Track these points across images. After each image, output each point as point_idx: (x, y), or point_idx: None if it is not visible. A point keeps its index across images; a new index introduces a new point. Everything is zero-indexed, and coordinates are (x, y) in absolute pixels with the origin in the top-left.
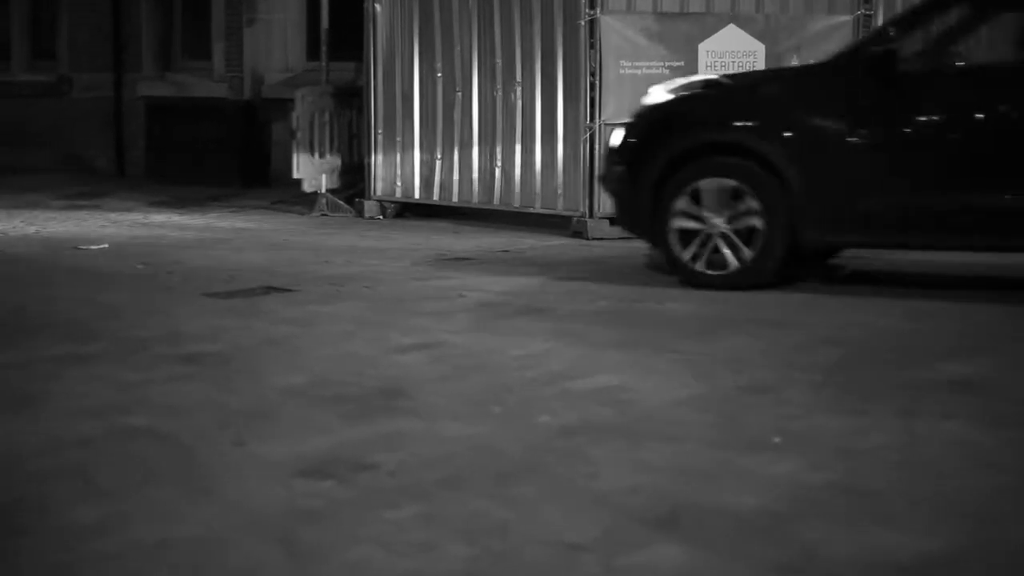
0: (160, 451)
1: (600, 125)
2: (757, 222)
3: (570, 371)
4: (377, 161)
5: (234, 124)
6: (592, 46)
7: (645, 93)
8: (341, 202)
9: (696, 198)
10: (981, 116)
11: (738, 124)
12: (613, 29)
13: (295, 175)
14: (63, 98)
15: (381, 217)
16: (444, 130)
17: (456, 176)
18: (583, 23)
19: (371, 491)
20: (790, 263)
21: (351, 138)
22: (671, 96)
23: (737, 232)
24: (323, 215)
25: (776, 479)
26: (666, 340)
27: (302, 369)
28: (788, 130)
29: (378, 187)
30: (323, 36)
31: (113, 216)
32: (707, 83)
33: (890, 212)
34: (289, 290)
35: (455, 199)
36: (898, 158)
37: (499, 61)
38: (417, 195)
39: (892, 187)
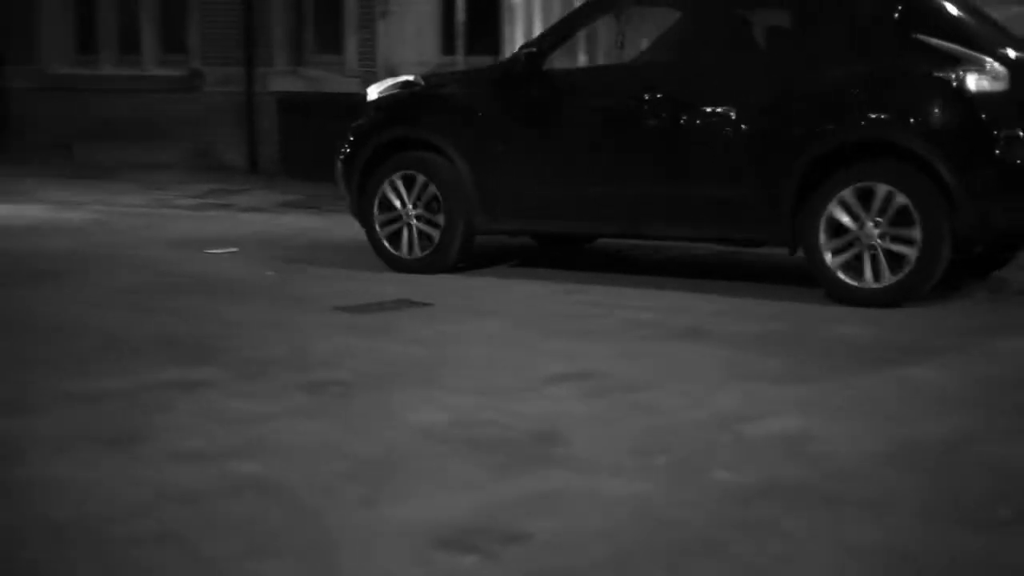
0: (274, 510)
1: None
2: (442, 211)
3: (743, 411)
4: None
5: None
6: None
7: None
8: None
9: (395, 188)
10: (611, 113)
11: (424, 121)
12: None
13: None
14: (194, 93)
15: None
16: None
17: None
18: None
19: (522, 572)
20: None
21: None
22: (380, 95)
23: (430, 221)
24: None
25: (1013, 570)
26: (848, 372)
27: (440, 404)
28: (461, 126)
29: None
30: (459, 29)
31: (243, 216)
32: (404, 83)
33: (543, 201)
34: (425, 304)
35: None
36: (546, 152)
37: None
38: None
39: (543, 178)
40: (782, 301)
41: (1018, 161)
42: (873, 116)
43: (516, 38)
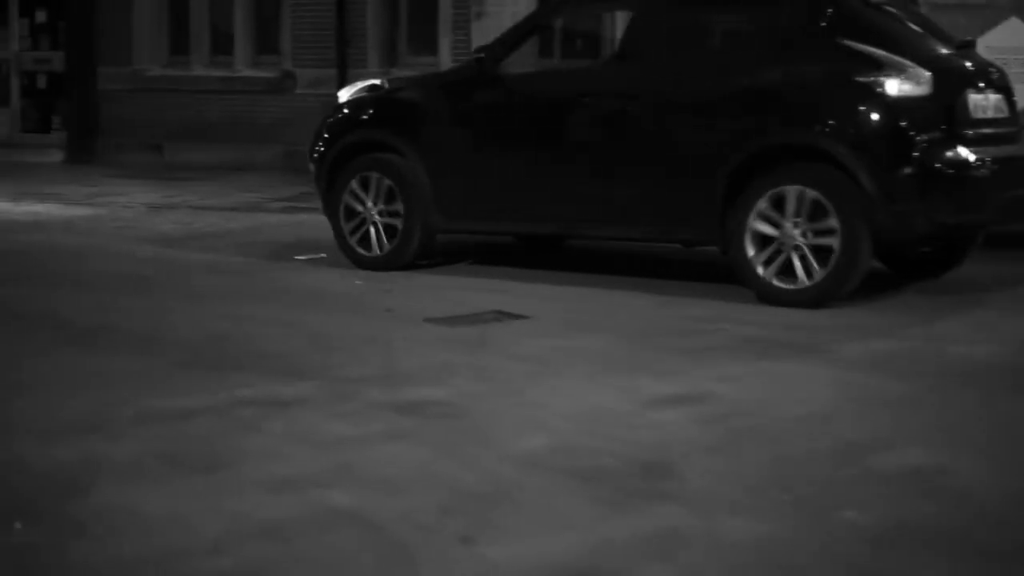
0: (366, 547)
1: None
2: (401, 210)
3: (868, 440)
4: None
5: None
6: None
7: None
8: None
9: (359, 187)
10: (552, 116)
11: (384, 124)
12: None
13: None
14: (286, 94)
15: None
16: None
17: None
18: None
19: None
20: None
21: None
22: (348, 98)
23: (391, 220)
24: None
25: None
26: (978, 399)
27: (542, 428)
28: (418, 129)
29: None
30: (555, 32)
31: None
32: (370, 87)
33: (492, 202)
34: (521, 316)
35: None
36: (494, 154)
37: None
38: None
39: (491, 179)
40: (890, 314)
41: (937, 164)
42: (796, 121)
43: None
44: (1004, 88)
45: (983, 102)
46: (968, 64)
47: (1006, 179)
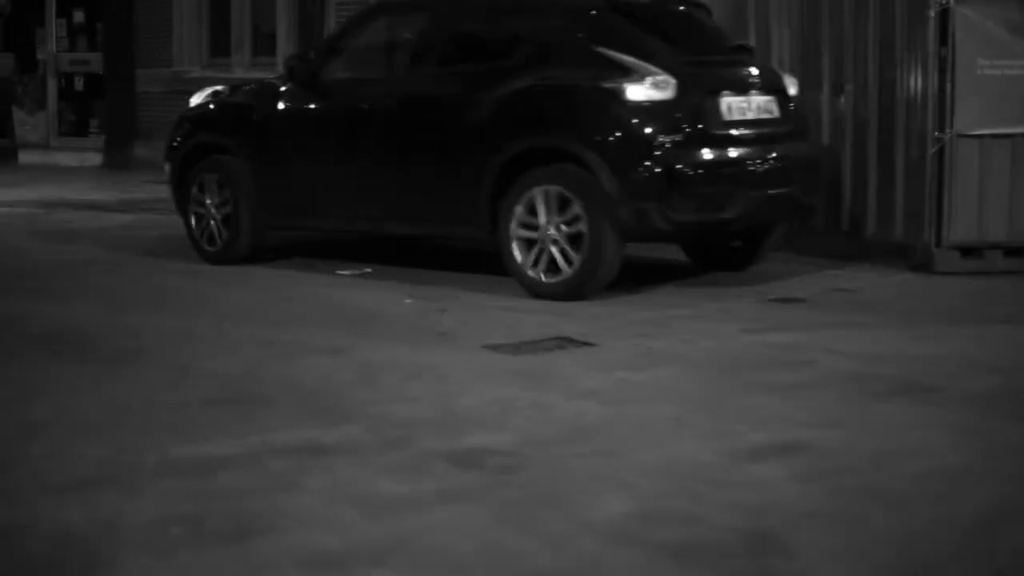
0: None
1: (952, 136)
2: (232, 209)
3: (1006, 508)
4: None
5: None
6: (943, 42)
7: (1007, 96)
8: None
9: (201, 187)
10: (354, 120)
11: (218, 127)
12: (970, 22)
13: None
14: None
15: None
16: None
17: None
18: (932, 14)
19: None
20: None
21: None
22: (198, 102)
23: (225, 217)
24: None
25: None
26: None
27: (622, 487)
28: (245, 132)
29: None
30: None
31: None
32: (214, 92)
33: (305, 201)
34: (587, 344)
35: None
36: (306, 156)
37: (825, 59)
38: None
39: (304, 180)
40: (993, 347)
41: (675, 165)
42: (547, 125)
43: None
44: (776, 90)
45: (741, 104)
46: (729, 69)
47: (760, 178)
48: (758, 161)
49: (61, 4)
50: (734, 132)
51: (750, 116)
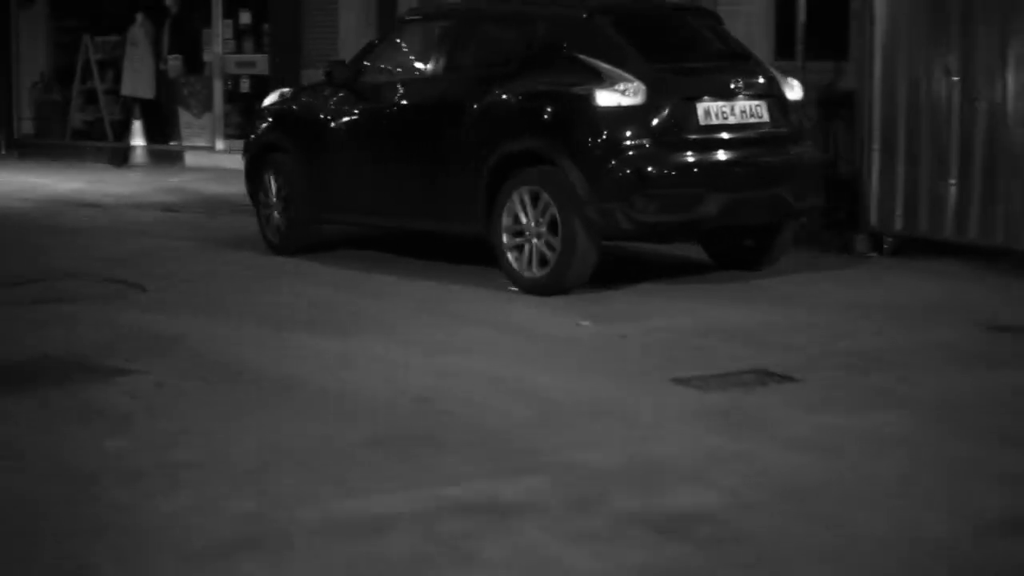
0: None
1: None
2: (278, 205)
3: None
4: (871, 184)
5: None
6: None
7: None
8: (827, 232)
9: (269, 180)
10: (380, 123)
11: (282, 128)
12: None
13: None
14: None
15: (875, 254)
16: (961, 148)
17: (976, 207)
18: None
19: None
20: None
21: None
22: (269, 103)
23: (283, 212)
24: (804, 248)
25: None
26: None
27: (864, 569)
28: (298, 134)
29: (872, 216)
30: (799, 32)
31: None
32: (281, 94)
33: (345, 198)
34: (790, 378)
35: (973, 235)
36: (342, 156)
37: None
38: (923, 228)
39: (342, 178)
40: None
41: (640, 168)
42: (530, 129)
43: (877, 40)
44: (770, 95)
45: (723, 109)
46: (713, 75)
47: (737, 181)
48: (737, 164)
49: (228, 5)
50: (711, 136)
51: (733, 121)
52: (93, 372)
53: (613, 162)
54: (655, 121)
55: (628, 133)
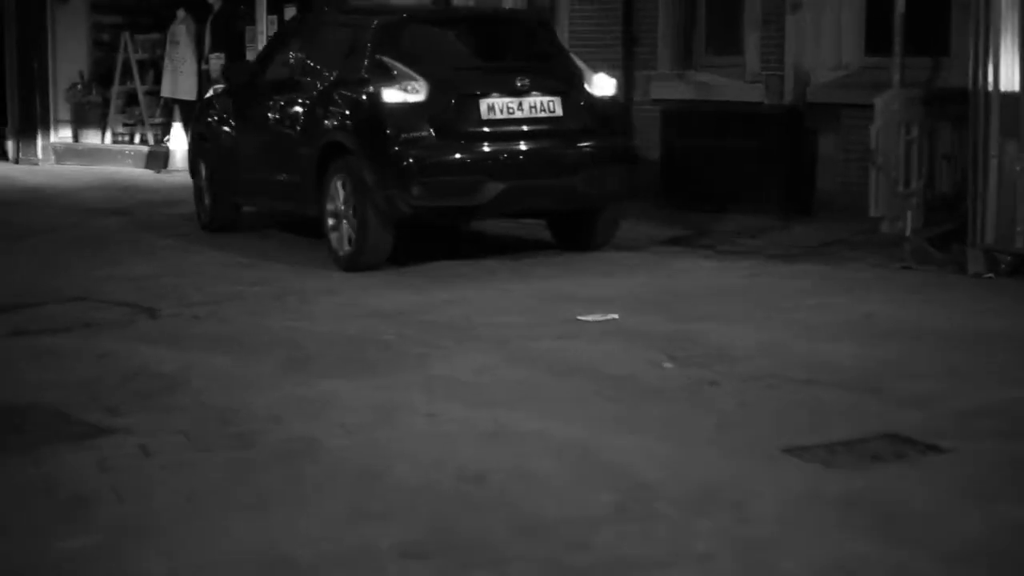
0: None
1: None
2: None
3: None
4: (988, 195)
5: (771, 136)
6: None
7: None
8: (932, 250)
9: (198, 166)
10: (256, 115)
11: (205, 121)
12: None
13: (872, 212)
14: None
15: (991, 275)
16: None
17: None
18: None
19: None
20: None
21: (942, 161)
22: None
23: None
24: (904, 267)
25: None
26: None
27: None
28: (217, 125)
29: (988, 231)
30: (897, 24)
31: (618, 258)
32: (214, 89)
33: (244, 182)
34: (934, 448)
35: None
36: (236, 145)
37: None
38: None
39: (248, 165)
40: None
41: (419, 158)
42: (339, 124)
43: (992, 33)
44: (566, 92)
45: (509, 105)
46: (504, 75)
47: (518, 170)
48: (519, 155)
49: (272, 1)
50: (494, 129)
51: (520, 115)
52: (67, 429)
53: (394, 152)
54: (436, 115)
55: (407, 127)
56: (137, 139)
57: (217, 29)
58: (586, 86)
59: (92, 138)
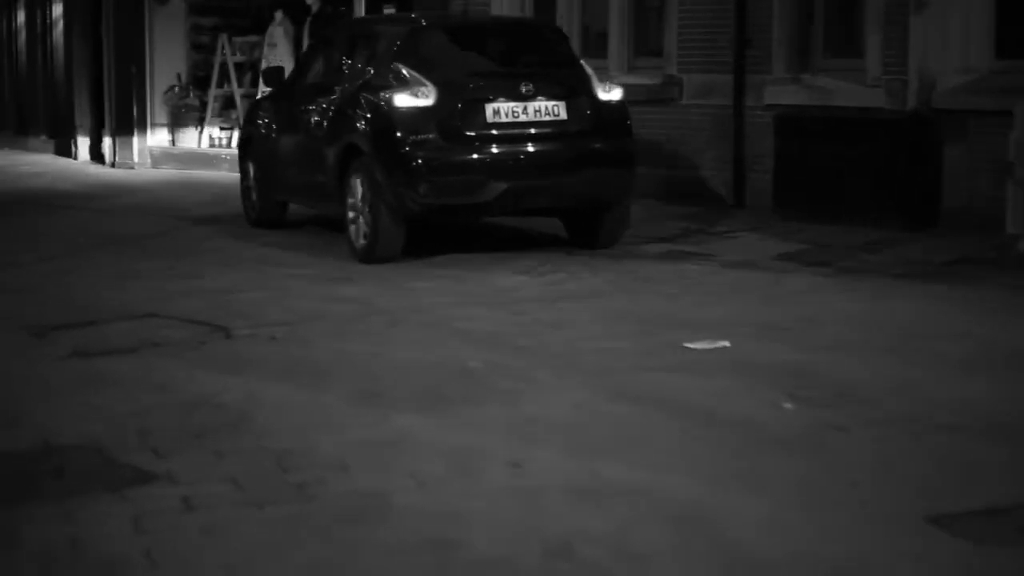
0: None
1: None
2: (253, 186)
3: None
4: None
5: (894, 144)
6: None
7: None
8: None
9: (244, 170)
10: (293, 120)
11: (252, 124)
12: None
13: (1009, 228)
14: (669, 105)
15: None
16: None
17: None
18: None
19: None
20: None
21: None
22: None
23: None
24: None
25: None
26: None
27: None
28: (261, 129)
29: None
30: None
31: (730, 277)
32: (261, 92)
33: (284, 182)
34: None
35: None
36: (276, 148)
37: None
38: None
39: (286, 165)
40: None
41: (425, 159)
42: (357, 127)
43: None
44: (573, 97)
45: (514, 109)
46: (511, 80)
47: (520, 170)
48: (522, 156)
49: (372, 1)
50: (500, 132)
51: (525, 119)
52: (108, 473)
53: (404, 153)
54: (444, 119)
55: (417, 129)
56: (234, 142)
57: (316, 31)
58: (593, 91)
59: (189, 141)
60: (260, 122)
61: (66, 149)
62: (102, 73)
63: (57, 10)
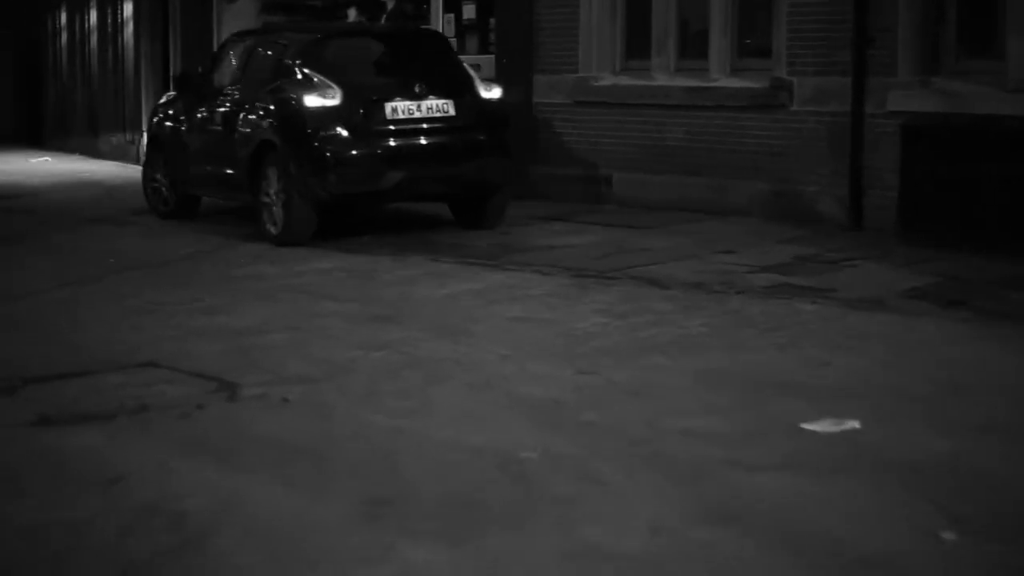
0: None
1: None
2: (164, 182)
3: None
4: None
5: None
6: None
7: None
8: None
9: (152, 163)
10: (204, 116)
11: (162, 119)
12: None
13: None
14: (778, 111)
15: None
16: None
17: None
18: None
19: None
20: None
21: None
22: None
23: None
24: None
25: None
26: None
27: None
28: (172, 124)
29: None
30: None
31: (852, 322)
32: (167, 96)
33: (194, 175)
34: None
35: None
36: (198, 146)
37: None
38: None
39: (199, 162)
40: None
41: (331, 153)
42: (270, 125)
43: None
44: (460, 95)
45: (409, 107)
46: (406, 80)
47: (415, 161)
48: (415, 149)
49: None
50: (397, 128)
51: (419, 115)
52: None
53: (314, 148)
54: (348, 117)
55: (324, 126)
56: None
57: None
58: (476, 90)
59: None
60: (168, 123)
61: (132, 153)
62: (167, 71)
63: (128, 10)
